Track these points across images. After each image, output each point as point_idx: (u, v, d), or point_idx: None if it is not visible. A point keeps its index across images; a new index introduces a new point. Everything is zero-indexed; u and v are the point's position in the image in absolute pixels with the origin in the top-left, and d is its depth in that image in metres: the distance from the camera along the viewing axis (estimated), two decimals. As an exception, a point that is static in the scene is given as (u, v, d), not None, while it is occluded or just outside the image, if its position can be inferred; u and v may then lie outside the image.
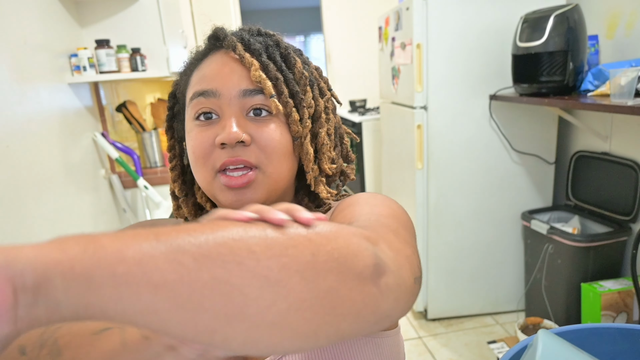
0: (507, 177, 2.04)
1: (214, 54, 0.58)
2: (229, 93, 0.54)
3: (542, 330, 0.43)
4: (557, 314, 1.80)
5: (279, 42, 0.59)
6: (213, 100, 0.54)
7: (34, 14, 1.66)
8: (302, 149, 0.57)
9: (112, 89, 2.27)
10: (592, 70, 1.62)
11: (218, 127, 0.54)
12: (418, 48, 1.88)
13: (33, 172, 1.53)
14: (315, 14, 7.11)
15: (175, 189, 0.64)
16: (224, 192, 0.54)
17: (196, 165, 0.55)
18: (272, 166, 0.55)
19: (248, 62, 0.54)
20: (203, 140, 0.54)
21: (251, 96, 0.54)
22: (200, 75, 0.56)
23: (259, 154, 0.54)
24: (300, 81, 0.57)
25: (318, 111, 0.59)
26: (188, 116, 0.57)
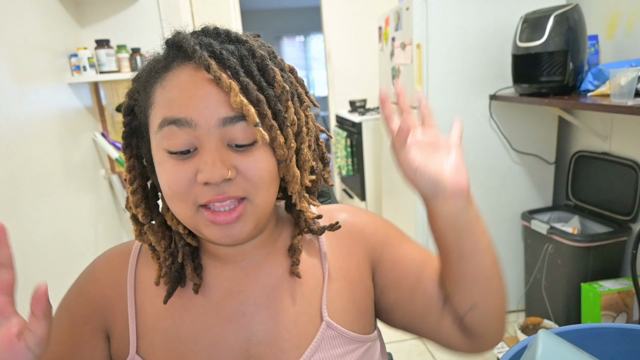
0: (507, 177, 2.04)
1: (179, 68, 0.49)
2: (206, 123, 0.47)
3: (542, 330, 0.43)
4: (557, 314, 1.80)
5: (253, 51, 0.51)
6: (188, 131, 0.47)
7: (34, 14, 1.66)
8: (289, 172, 0.53)
9: (112, 89, 2.27)
10: (592, 70, 1.62)
11: (197, 161, 0.48)
12: (418, 48, 1.88)
13: (33, 172, 1.53)
14: (315, 14, 7.11)
15: (139, 215, 0.55)
16: (209, 227, 0.50)
17: (172, 200, 0.50)
18: (261, 196, 0.51)
19: (226, 86, 0.46)
20: (180, 176, 0.48)
21: (232, 124, 0.48)
22: (168, 97, 0.49)
23: (245, 186, 0.49)
24: (282, 97, 0.51)
25: (300, 126, 0.54)
26: (157, 143, 0.50)
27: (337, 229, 0.61)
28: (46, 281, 0.45)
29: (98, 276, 0.60)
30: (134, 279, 0.59)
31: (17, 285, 0.45)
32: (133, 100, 0.54)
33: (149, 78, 0.52)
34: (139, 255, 0.61)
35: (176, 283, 0.57)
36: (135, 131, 0.55)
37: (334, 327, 0.58)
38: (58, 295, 0.61)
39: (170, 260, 0.57)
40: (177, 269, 0.57)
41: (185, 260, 0.57)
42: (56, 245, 1.63)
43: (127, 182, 0.56)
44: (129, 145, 0.56)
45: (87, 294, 0.59)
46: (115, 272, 0.60)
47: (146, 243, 0.58)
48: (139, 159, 0.57)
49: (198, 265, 0.58)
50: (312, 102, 0.59)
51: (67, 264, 1.70)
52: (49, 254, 1.58)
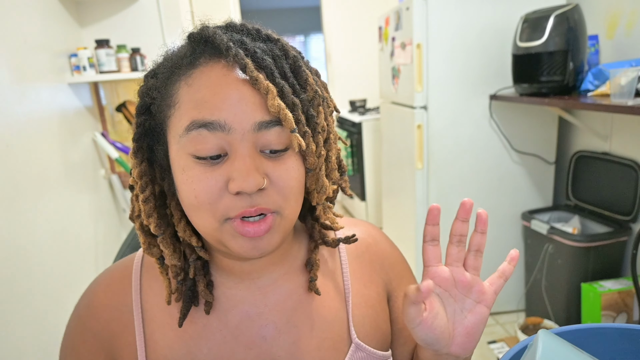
0: (507, 177, 2.04)
1: (208, 65, 0.45)
2: (241, 127, 0.43)
3: (542, 330, 0.43)
4: (557, 314, 1.80)
5: (286, 51, 0.48)
6: (221, 135, 0.43)
7: (34, 14, 1.66)
8: (317, 182, 0.49)
9: (112, 89, 2.27)
10: (592, 70, 1.62)
11: (228, 168, 0.44)
12: (418, 48, 1.88)
13: (33, 172, 1.53)
14: (315, 14, 7.11)
15: (151, 226, 0.49)
16: (236, 239, 0.46)
17: (199, 210, 0.45)
18: (290, 208, 0.47)
19: (264, 88, 0.43)
20: (210, 184, 0.44)
21: (267, 129, 0.44)
22: (196, 98, 0.44)
23: (277, 198, 0.45)
24: (314, 101, 0.48)
25: (328, 132, 0.50)
26: (181, 147, 0.45)
27: (353, 242, 0.58)
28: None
29: (99, 309, 0.54)
30: (140, 307, 0.54)
31: (17, 285, 0.45)
32: (150, 98, 0.48)
33: (170, 75, 0.47)
34: (141, 278, 0.56)
35: (189, 302, 0.52)
36: (149, 132, 0.49)
37: (363, 348, 0.57)
38: (58, 295, 0.61)
39: (182, 276, 0.52)
40: (190, 287, 0.52)
41: (197, 276, 0.53)
42: (56, 245, 1.63)
43: (138, 189, 0.50)
44: (140, 148, 0.50)
45: (91, 329, 0.54)
46: (117, 302, 0.54)
47: (155, 257, 0.52)
48: (151, 163, 0.51)
49: (210, 282, 0.54)
50: (335, 107, 0.55)
51: (67, 264, 1.70)
52: (49, 254, 1.58)
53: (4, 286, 1.29)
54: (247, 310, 0.54)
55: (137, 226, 0.52)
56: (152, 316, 0.54)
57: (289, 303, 0.55)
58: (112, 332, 0.54)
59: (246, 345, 0.53)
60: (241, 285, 0.55)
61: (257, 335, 0.53)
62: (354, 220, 0.66)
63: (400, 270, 0.64)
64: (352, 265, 0.60)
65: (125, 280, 0.56)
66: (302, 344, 0.54)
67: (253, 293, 0.55)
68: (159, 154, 0.50)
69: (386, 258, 0.63)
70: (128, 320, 0.54)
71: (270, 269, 0.55)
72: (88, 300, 0.56)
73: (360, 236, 0.62)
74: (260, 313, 0.54)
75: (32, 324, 1.41)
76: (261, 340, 0.53)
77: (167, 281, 0.52)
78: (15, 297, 1.34)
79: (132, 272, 0.56)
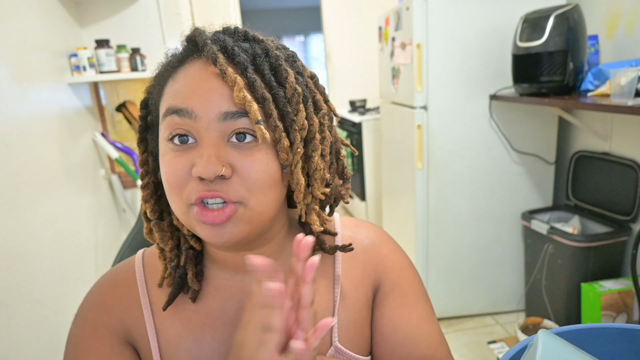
0: (507, 177, 2.04)
1: (191, 63, 0.50)
2: (207, 115, 0.46)
3: (542, 330, 0.43)
4: (557, 314, 1.80)
5: (268, 50, 0.50)
6: (189, 122, 0.47)
7: (34, 14, 1.66)
8: (292, 179, 0.50)
9: (112, 89, 2.27)
10: (592, 70, 1.62)
11: (195, 154, 0.47)
12: (418, 48, 1.88)
13: (33, 172, 1.53)
14: (315, 14, 7.10)
15: (147, 210, 0.55)
16: (200, 225, 0.48)
17: (170, 193, 0.49)
18: (256, 199, 0.48)
19: (231, 80, 0.46)
20: (177, 168, 0.47)
21: (233, 119, 0.46)
22: (175, 89, 0.49)
23: (240, 188, 0.47)
24: (292, 99, 0.49)
25: (312, 132, 0.51)
26: (162, 134, 0.49)
27: (349, 250, 0.58)
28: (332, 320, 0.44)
29: (110, 305, 0.56)
30: (148, 301, 0.57)
31: (17, 285, 0.45)
32: (148, 94, 0.55)
33: (163, 72, 0.52)
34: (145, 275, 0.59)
35: (179, 288, 0.55)
36: (150, 126, 0.55)
37: (343, 352, 0.57)
38: (58, 295, 0.61)
39: (175, 262, 0.56)
40: (181, 274, 0.55)
41: (187, 264, 0.55)
42: (56, 245, 1.63)
43: (140, 176, 0.56)
44: (143, 140, 0.56)
45: (105, 325, 0.56)
46: (126, 297, 0.57)
47: (153, 242, 0.57)
48: (152, 155, 0.56)
49: (200, 271, 0.57)
50: (332, 111, 0.56)
51: (67, 264, 1.70)
52: (49, 254, 1.58)
53: (4, 286, 1.29)
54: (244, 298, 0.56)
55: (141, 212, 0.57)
56: (158, 309, 0.57)
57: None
58: (126, 325, 0.56)
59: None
60: (236, 277, 0.57)
61: None
62: (359, 222, 0.66)
63: (395, 277, 0.62)
64: (344, 266, 0.61)
65: (129, 279, 0.58)
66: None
67: (248, 285, 0.56)
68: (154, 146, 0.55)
69: (381, 261, 0.62)
70: (139, 313, 0.56)
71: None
72: (94, 301, 0.57)
73: (359, 237, 0.63)
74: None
75: (32, 323, 1.41)
76: None
77: (164, 265, 0.56)
78: (15, 297, 1.34)
79: (136, 271, 0.59)
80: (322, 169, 0.53)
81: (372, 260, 0.62)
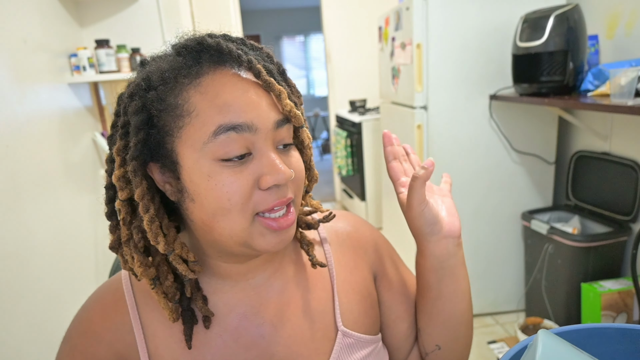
0: (507, 177, 2.04)
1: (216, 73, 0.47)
2: (264, 127, 0.47)
3: (542, 330, 0.43)
4: (557, 314, 1.80)
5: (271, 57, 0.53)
6: (248, 136, 0.46)
7: (34, 14, 1.66)
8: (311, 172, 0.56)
9: (112, 89, 2.27)
10: (592, 70, 1.62)
11: (255, 166, 0.46)
12: (418, 48, 1.88)
13: (33, 172, 1.53)
14: (315, 14, 7.10)
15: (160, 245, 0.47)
16: (264, 236, 0.48)
17: (230, 213, 0.46)
18: (299, 197, 0.53)
19: (277, 90, 0.48)
20: (242, 184, 0.45)
21: (281, 127, 0.49)
22: (218, 104, 0.45)
23: (294, 188, 0.51)
24: (299, 100, 0.53)
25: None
26: (205, 154, 0.45)
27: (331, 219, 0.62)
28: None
29: (100, 333, 0.53)
30: (140, 324, 0.54)
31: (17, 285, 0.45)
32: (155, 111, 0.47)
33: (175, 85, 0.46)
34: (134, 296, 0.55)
35: (191, 322, 0.53)
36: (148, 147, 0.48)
37: (350, 334, 0.58)
38: (58, 295, 0.61)
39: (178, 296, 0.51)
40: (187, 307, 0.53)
41: (194, 294, 0.53)
42: (56, 245, 1.63)
43: (141, 210, 0.47)
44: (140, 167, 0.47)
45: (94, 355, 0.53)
46: (117, 322, 0.54)
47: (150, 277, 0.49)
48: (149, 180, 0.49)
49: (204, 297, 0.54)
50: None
51: (67, 264, 1.70)
52: (49, 253, 1.58)
53: (3, 286, 1.29)
54: (244, 311, 0.55)
55: (126, 252, 0.49)
56: (153, 332, 0.54)
57: (282, 299, 0.57)
58: (117, 353, 0.53)
59: (246, 346, 0.54)
60: (236, 287, 0.56)
61: (256, 335, 0.55)
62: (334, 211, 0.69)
63: (384, 251, 0.68)
64: (336, 255, 0.63)
65: (119, 302, 0.55)
66: (297, 337, 0.56)
67: (248, 294, 0.56)
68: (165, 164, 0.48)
69: (367, 242, 0.66)
70: (131, 339, 0.53)
71: (263, 267, 0.57)
72: (83, 328, 0.54)
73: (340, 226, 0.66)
74: (257, 312, 0.56)
75: (31, 323, 1.41)
76: (260, 339, 0.55)
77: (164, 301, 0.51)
78: (14, 297, 1.34)
79: (125, 292, 0.55)
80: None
81: (360, 243, 0.66)
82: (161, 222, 0.49)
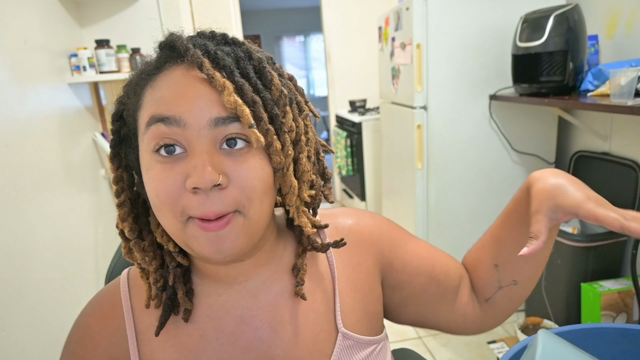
0: (507, 177, 2.04)
1: (171, 69, 0.47)
2: (197, 123, 0.44)
3: (542, 330, 0.43)
4: (557, 314, 1.80)
5: (250, 53, 0.48)
6: (177, 130, 0.44)
7: (34, 14, 1.66)
8: (285, 182, 0.49)
9: (112, 89, 2.27)
10: (592, 70, 1.62)
11: (186, 165, 0.44)
12: (418, 48, 1.88)
13: (33, 172, 1.53)
14: (315, 14, 7.11)
15: (126, 230, 0.51)
16: (198, 240, 0.45)
17: (161, 210, 0.46)
18: (254, 208, 0.46)
19: (220, 85, 0.44)
20: (169, 183, 0.44)
21: (225, 125, 0.44)
22: (157, 96, 0.46)
23: (237, 197, 0.45)
24: (280, 101, 0.48)
25: (298, 134, 0.50)
26: (145, 146, 0.46)
27: (342, 245, 0.58)
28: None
29: (97, 339, 0.54)
30: (134, 330, 0.54)
31: (17, 285, 0.45)
32: (122, 105, 0.51)
33: (139, 81, 0.49)
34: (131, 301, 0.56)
35: (169, 311, 0.53)
36: (124, 139, 0.52)
37: (350, 336, 0.57)
38: (58, 295, 0.61)
39: (161, 282, 0.53)
40: (170, 295, 0.53)
41: (176, 283, 0.53)
42: (56, 245, 1.63)
43: (114, 194, 0.52)
44: (117, 155, 0.52)
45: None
46: (113, 328, 0.55)
47: (134, 261, 0.53)
48: (128, 170, 0.53)
49: (189, 289, 0.54)
50: (312, 112, 0.55)
51: (67, 264, 1.70)
52: (49, 254, 1.58)
53: (3, 286, 1.29)
54: (241, 314, 0.54)
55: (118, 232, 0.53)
56: (149, 337, 0.54)
57: (281, 302, 0.56)
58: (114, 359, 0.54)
59: (244, 349, 0.54)
60: (231, 290, 0.55)
61: (254, 338, 0.54)
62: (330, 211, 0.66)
63: (390, 236, 0.65)
64: (338, 254, 0.61)
65: (115, 306, 0.56)
66: (298, 340, 0.55)
67: (244, 297, 0.55)
68: (132, 160, 0.52)
69: (372, 232, 0.64)
70: (127, 344, 0.54)
71: (256, 271, 0.55)
72: (81, 334, 0.55)
73: (341, 223, 0.63)
74: (254, 315, 0.54)
75: (31, 323, 1.41)
76: (258, 342, 0.54)
77: (147, 285, 0.53)
78: (14, 297, 1.34)
79: (122, 297, 0.56)
80: (309, 170, 0.52)
81: (363, 236, 0.63)
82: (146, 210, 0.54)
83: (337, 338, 0.57)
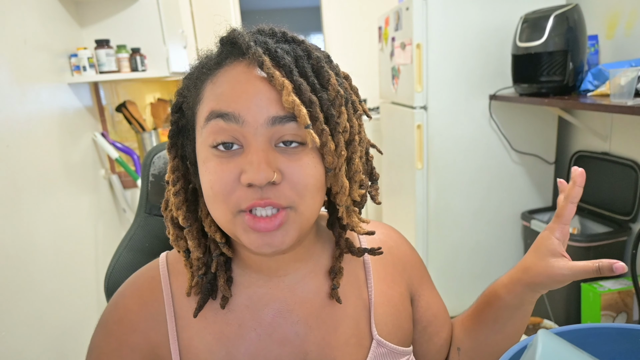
0: (507, 177, 2.04)
1: (231, 65, 0.48)
2: (254, 120, 0.45)
3: (542, 330, 0.43)
4: (557, 314, 1.80)
5: (309, 52, 0.49)
6: (235, 127, 0.45)
7: (34, 14, 1.66)
8: (337, 182, 0.49)
9: (112, 89, 2.27)
10: (592, 70, 1.62)
11: (242, 160, 0.45)
12: (418, 48, 1.88)
13: (33, 172, 1.53)
14: (315, 14, 7.10)
15: (180, 218, 0.52)
16: (248, 233, 0.47)
17: (214, 201, 0.47)
18: (305, 204, 0.47)
19: (279, 84, 0.44)
20: (224, 175, 0.46)
21: (282, 124, 0.45)
22: (217, 92, 0.47)
23: (290, 193, 0.46)
24: (335, 101, 0.48)
25: (352, 134, 0.50)
26: (203, 140, 0.48)
27: (378, 254, 0.58)
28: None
29: (136, 321, 0.55)
30: (174, 315, 0.55)
31: (17, 285, 0.45)
32: (182, 97, 0.53)
33: (199, 75, 0.50)
34: (171, 286, 0.56)
35: (207, 295, 0.54)
36: (182, 130, 0.54)
37: (384, 344, 0.58)
38: (58, 295, 0.61)
39: (203, 270, 0.54)
40: (210, 280, 0.54)
41: (218, 271, 0.54)
42: (56, 245, 1.63)
43: (170, 183, 0.53)
44: (174, 145, 0.54)
45: (131, 345, 0.54)
46: (152, 312, 0.55)
47: (181, 249, 0.54)
48: (183, 159, 0.54)
49: (229, 277, 0.55)
50: (365, 112, 0.56)
51: (67, 264, 1.70)
52: (49, 254, 1.58)
53: (3, 286, 1.29)
54: (279, 307, 0.55)
55: (167, 219, 0.55)
56: (188, 322, 0.54)
57: (317, 300, 0.57)
58: (152, 342, 0.54)
59: (280, 342, 0.54)
60: (270, 283, 0.56)
61: (290, 332, 0.55)
62: (374, 222, 0.67)
63: (419, 272, 0.68)
64: (375, 266, 0.62)
65: (155, 290, 0.56)
66: (331, 340, 0.56)
67: (282, 290, 0.56)
68: (189, 151, 0.53)
69: (407, 261, 0.66)
70: (165, 328, 0.54)
71: (295, 266, 0.56)
72: (119, 315, 0.55)
73: (382, 239, 0.65)
74: (291, 310, 0.55)
75: (31, 323, 1.41)
76: (294, 337, 0.55)
77: (191, 274, 0.54)
78: (14, 297, 1.34)
79: (161, 281, 0.57)
80: (360, 170, 0.52)
81: (400, 260, 0.65)
82: (196, 199, 0.55)
83: (372, 345, 0.57)
